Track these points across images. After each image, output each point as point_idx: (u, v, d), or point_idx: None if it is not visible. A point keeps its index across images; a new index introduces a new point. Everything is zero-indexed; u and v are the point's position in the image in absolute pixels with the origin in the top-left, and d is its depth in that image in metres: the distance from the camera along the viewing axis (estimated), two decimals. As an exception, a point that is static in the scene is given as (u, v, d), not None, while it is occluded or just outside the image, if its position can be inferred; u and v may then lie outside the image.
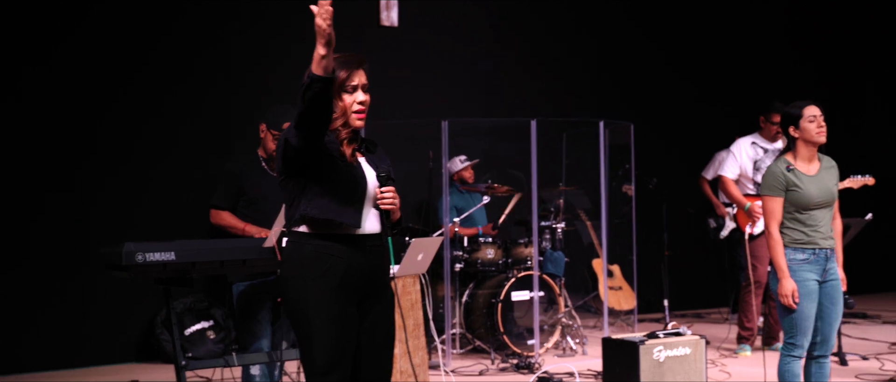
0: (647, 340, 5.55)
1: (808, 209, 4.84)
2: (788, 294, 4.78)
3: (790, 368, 4.91)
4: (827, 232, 4.88)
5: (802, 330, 4.85)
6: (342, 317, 3.37)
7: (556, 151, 8.65)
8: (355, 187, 3.41)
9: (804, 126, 4.90)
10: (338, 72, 3.40)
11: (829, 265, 4.88)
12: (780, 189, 4.86)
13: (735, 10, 10.31)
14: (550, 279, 7.51)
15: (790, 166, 4.89)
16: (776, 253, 4.84)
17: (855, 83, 11.26)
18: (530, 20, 9.25)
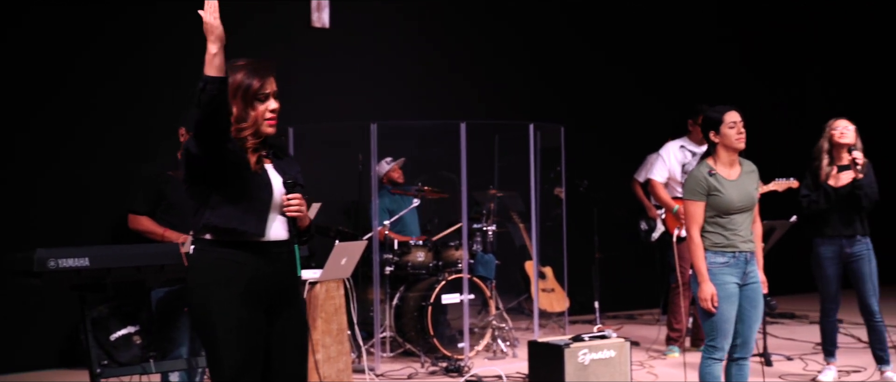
0: (572, 343, 5.57)
1: (728, 214, 4.89)
2: (708, 298, 4.82)
3: (711, 370, 4.95)
4: (747, 236, 4.94)
5: (723, 333, 4.89)
6: (248, 325, 3.33)
7: (488, 153, 8.66)
8: (260, 194, 3.36)
9: (724, 132, 4.95)
10: (250, 80, 3.36)
11: (749, 268, 4.93)
12: (701, 194, 4.90)
13: (669, 11, 10.39)
14: (481, 281, 7.51)
15: (711, 171, 4.93)
16: (697, 257, 4.88)
17: (794, 84, 11.40)
18: (462, 22, 9.24)
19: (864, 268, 6.15)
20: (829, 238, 6.18)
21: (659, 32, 10.33)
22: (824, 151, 6.20)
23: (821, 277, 6.27)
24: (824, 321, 6.38)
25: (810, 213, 6.20)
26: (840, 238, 6.16)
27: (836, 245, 6.18)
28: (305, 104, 8.28)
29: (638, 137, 8.59)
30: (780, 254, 9.21)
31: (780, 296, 10.75)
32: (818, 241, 6.25)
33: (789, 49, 11.36)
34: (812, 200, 6.15)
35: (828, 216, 6.17)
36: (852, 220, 6.14)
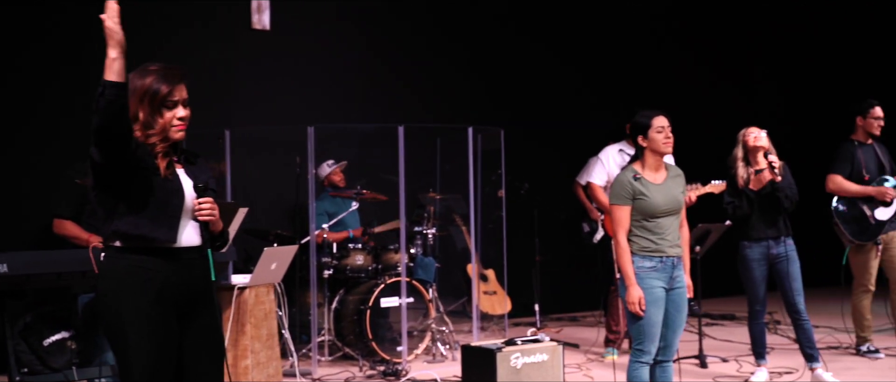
0: (504, 347, 5.59)
1: (654, 218, 4.92)
2: (635, 302, 4.86)
3: (638, 373, 4.99)
4: (674, 240, 4.98)
5: (650, 336, 4.93)
6: (160, 332, 3.30)
7: (430, 156, 8.66)
8: (170, 199, 3.33)
9: (652, 136, 4.98)
10: (158, 86, 3.32)
11: (675, 272, 4.97)
12: (627, 198, 4.93)
13: (609, 14, 10.44)
14: (421, 284, 7.51)
15: (637, 175, 4.96)
16: (624, 261, 4.91)
17: (736, 87, 11.51)
18: (403, 26, 9.23)
19: (789, 268, 6.22)
20: (756, 241, 6.26)
21: (600, 36, 10.37)
22: (739, 158, 6.32)
23: (748, 279, 6.34)
24: (753, 323, 6.45)
25: (736, 218, 6.31)
26: (766, 240, 6.24)
27: (763, 247, 6.25)
28: (246, 107, 8.25)
29: (579, 140, 8.60)
30: (719, 256, 9.34)
31: (719, 298, 10.89)
32: (745, 244, 6.31)
33: (731, 51, 11.45)
34: (736, 205, 6.25)
35: (752, 220, 6.25)
36: (776, 221, 6.23)
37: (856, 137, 7.28)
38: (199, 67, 7.89)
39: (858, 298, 7.26)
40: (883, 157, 7.25)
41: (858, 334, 7.35)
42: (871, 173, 7.14)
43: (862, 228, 7.10)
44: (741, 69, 11.55)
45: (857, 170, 7.15)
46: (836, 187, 7.16)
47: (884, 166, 7.21)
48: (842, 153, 7.23)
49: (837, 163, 7.21)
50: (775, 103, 11.63)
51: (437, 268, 8.03)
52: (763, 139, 6.21)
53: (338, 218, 7.66)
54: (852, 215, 7.13)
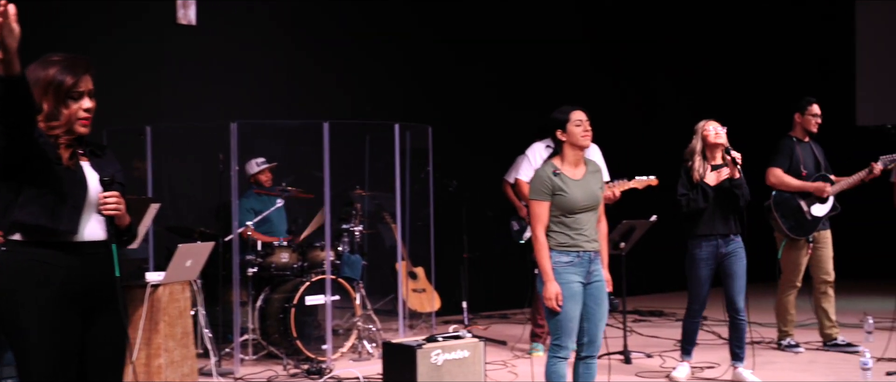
0: (425, 344, 5.56)
1: (573, 213, 4.93)
2: (553, 297, 4.87)
3: (556, 369, 5.00)
4: (591, 235, 4.99)
5: (567, 332, 4.94)
6: (61, 329, 3.21)
7: (360, 153, 8.61)
8: (73, 191, 3.24)
9: (570, 130, 5.00)
10: (62, 77, 3.23)
11: (593, 267, 4.99)
12: (546, 193, 4.93)
13: (534, 13, 10.45)
14: (347, 282, 7.46)
15: (556, 171, 4.97)
16: (541, 256, 4.92)
17: (651, 85, 11.61)
18: (331, 22, 9.15)
19: (736, 266, 6.21)
20: (707, 238, 6.18)
21: (527, 34, 10.35)
22: (697, 151, 6.24)
23: (694, 277, 6.26)
24: (689, 321, 6.42)
25: (690, 212, 6.19)
26: (717, 237, 6.18)
27: (713, 245, 6.18)
28: (170, 103, 8.13)
29: (507, 137, 8.61)
30: (648, 253, 9.42)
31: (649, 294, 11.00)
32: (694, 242, 6.23)
33: (643, 51, 11.51)
34: (691, 198, 6.15)
35: (705, 215, 6.17)
36: (729, 218, 6.20)
37: (794, 133, 7.38)
38: (123, 62, 7.78)
39: (785, 293, 7.34)
40: (819, 154, 7.36)
41: (781, 328, 7.44)
42: (808, 169, 7.25)
43: (798, 222, 7.19)
44: (648, 69, 11.61)
45: (795, 165, 7.24)
46: (777, 181, 7.23)
47: (820, 163, 7.32)
48: (782, 148, 7.31)
49: (778, 157, 7.28)
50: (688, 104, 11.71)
51: (365, 266, 7.97)
52: (723, 136, 6.19)
53: (262, 215, 7.59)
54: (790, 210, 7.21)
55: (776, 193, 7.25)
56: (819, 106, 7.37)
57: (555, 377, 4.99)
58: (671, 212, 9.37)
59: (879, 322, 7.85)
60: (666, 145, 10.92)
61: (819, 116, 7.33)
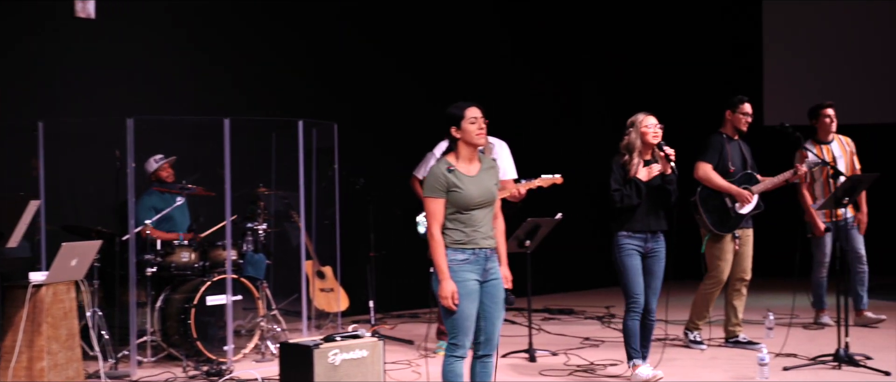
0: (322, 344, 5.47)
1: (468, 210, 4.89)
2: (448, 296, 4.82)
3: (453, 368, 4.95)
4: (487, 232, 4.96)
5: (464, 330, 4.90)
6: None
7: (267, 151, 8.47)
8: None
9: (465, 127, 4.95)
10: None
11: (489, 264, 4.95)
12: (440, 191, 4.89)
13: (445, 8, 10.39)
14: (250, 282, 7.34)
15: (451, 168, 4.92)
16: (437, 255, 4.87)
17: (573, 83, 11.65)
18: (235, 17, 8.96)
19: (656, 266, 6.18)
20: (636, 233, 6.11)
21: (435, 30, 10.27)
22: (635, 146, 6.13)
23: (628, 269, 6.10)
24: (631, 321, 6.15)
25: (623, 208, 6.09)
26: (646, 234, 6.13)
27: (640, 240, 6.13)
28: (66, 98, 7.90)
29: (415, 134, 8.50)
30: (556, 251, 9.44)
31: (564, 293, 11.04)
32: (623, 234, 6.11)
33: (564, 48, 11.55)
34: (625, 194, 6.05)
35: (637, 211, 6.10)
36: (659, 215, 6.18)
37: (724, 130, 7.43)
38: (17, 55, 7.54)
39: (708, 287, 7.34)
40: (746, 153, 7.43)
41: (693, 319, 7.45)
42: (736, 166, 7.31)
43: (722, 218, 7.25)
44: (571, 68, 11.65)
45: (723, 162, 7.29)
46: (704, 176, 7.27)
47: (747, 161, 7.39)
48: (712, 144, 7.36)
49: (707, 153, 7.31)
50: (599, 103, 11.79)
51: (269, 265, 7.85)
52: (660, 134, 6.13)
53: (162, 213, 7.42)
54: (715, 206, 7.27)
55: (702, 188, 7.31)
56: (751, 106, 7.44)
57: (451, 376, 4.94)
58: (582, 210, 9.46)
59: (780, 319, 7.97)
60: (585, 141, 11.05)
61: (750, 114, 7.42)
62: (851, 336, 6.71)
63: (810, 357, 6.76)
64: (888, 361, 6.68)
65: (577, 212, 10.58)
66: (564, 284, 11.21)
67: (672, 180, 6.12)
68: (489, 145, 7.62)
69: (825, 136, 8.27)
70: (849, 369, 6.47)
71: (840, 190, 6.76)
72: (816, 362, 6.65)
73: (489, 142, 7.64)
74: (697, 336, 7.44)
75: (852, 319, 8.25)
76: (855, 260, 8.23)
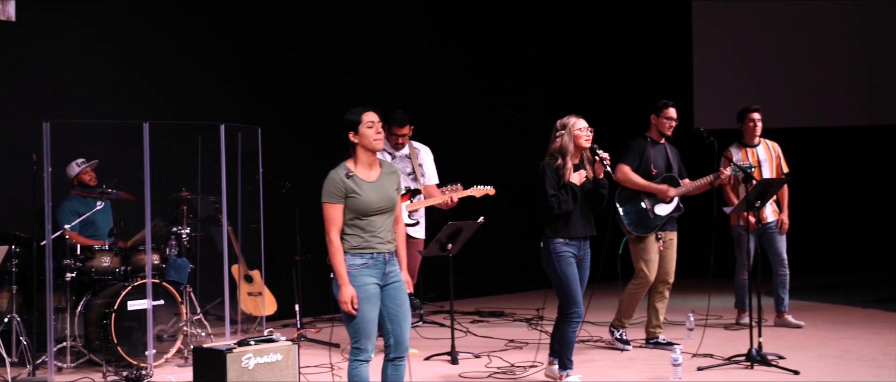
0: (235, 348, 5.49)
1: (367, 215, 4.93)
2: (347, 301, 4.87)
3: (358, 372, 5.01)
4: (386, 237, 5.00)
5: (366, 334, 4.95)
6: None
7: (192, 155, 8.41)
8: None
9: (362, 132, 5.00)
10: None
11: (389, 268, 5.01)
12: (339, 196, 4.94)
13: (371, 12, 10.36)
14: (174, 286, 7.31)
15: (349, 173, 4.97)
16: (336, 260, 4.92)
17: (517, 88, 11.71)
18: (156, 21, 8.88)
19: (585, 273, 6.18)
20: (573, 240, 6.06)
21: (360, 34, 10.24)
22: (568, 150, 6.08)
23: (567, 276, 6.01)
24: (569, 328, 6.10)
25: (561, 213, 6.02)
26: (579, 239, 6.09)
27: (575, 246, 6.08)
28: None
29: (342, 138, 8.47)
30: (482, 255, 9.52)
31: (492, 296, 11.10)
32: (560, 241, 6.02)
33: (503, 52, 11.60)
34: (562, 199, 5.99)
35: (572, 217, 6.05)
36: (590, 220, 6.17)
37: (649, 134, 7.53)
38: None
39: (635, 287, 7.38)
40: (672, 157, 7.53)
41: (620, 318, 7.50)
42: (659, 169, 7.40)
43: (640, 219, 7.33)
44: (509, 71, 11.71)
45: (645, 165, 7.37)
46: (624, 177, 7.35)
47: (671, 165, 7.49)
48: (633, 147, 7.45)
49: (628, 155, 7.40)
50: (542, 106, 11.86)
51: (193, 269, 7.82)
52: (591, 137, 6.13)
53: (83, 217, 7.38)
54: (633, 207, 7.35)
55: (620, 189, 7.40)
56: (675, 110, 7.55)
57: (357, 378, 4.98)
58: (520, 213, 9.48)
59: (702, 320, 8.09)
60: (523, 146, 11.07)
61: (674, 119, 7.51)
62: (772, 336, 6.86)
63: (725, 357, 6.89)
64: (800, 360, 6.83)
65: (514, 215, 10.72)
66: (498, 286, 11.29)
67: (605, 184, 6.14)
68: (414, 150, 7.69)
69: (751, 139, 8.43)
70: (761, 368, 6.61)
71: (751, 194, 6.91)
72: (730, 362, 6.78)
73: (414, 147, 7.70)
74: (624, 334, 7.52)
75: (773, 320, 8.46)
76: (777, 263, 8.39)
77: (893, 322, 8.55)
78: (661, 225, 7.34)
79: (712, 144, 7.16)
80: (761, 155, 8.35)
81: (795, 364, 6.64)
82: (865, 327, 8.30)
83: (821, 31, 12.84)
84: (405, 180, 7.55)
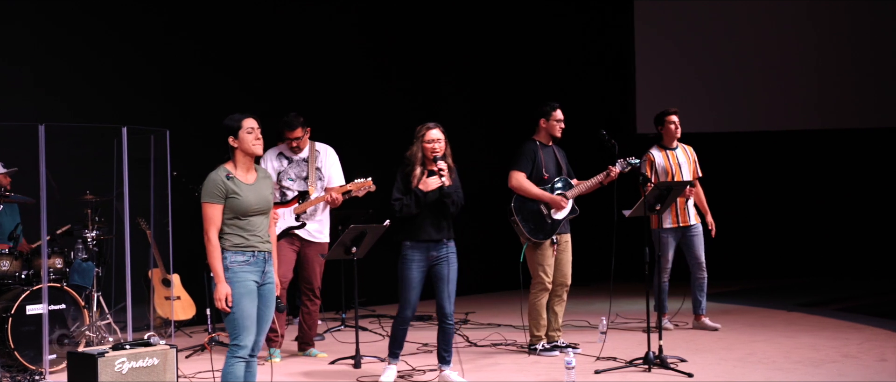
0: (109, 352, 5.44)
1: (246, 216, 5.11)
2: (222, 298, 5.02)
3: (233, 371, 5.16)
4: (264, 237, 5.18)
5: (246, 329, 5.08)
6: None
7: (107, 157, 8.33)
8: None
9: (242, 136, 5.20)
10: None
11: (267, 267, 5.19)
12: (219, 197, 5.11)
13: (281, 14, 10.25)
14: (77, 290, 7.25)
15: (229, 175, 5.15)
16: (214, 258, 5.08)
17: (434, 92, 11.66)
18: (68, 22, 8.81)
19: (446, 271, 6.32)
20: (420, 242, 6.28)
21: (269, 36, 10.13)
22: (418, 157, 6.29)
23: (405, 280, 6.31)
24: (398, 326, 6.42)
25: (403, 216, 6.29)
26: (428, 242, 6.28)
27: (424, 249, 6.29)
28: None
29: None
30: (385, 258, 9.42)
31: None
32: (407, 244, 6.31)
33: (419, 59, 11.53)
34: (405, 204, 6.24)
35: (418, 220, 6.27)
36: (441, 225, 6.30)
37: (538, 137, 7.49)
38: None
39: (536, 296, 7.39)
40: (561, 159, 7.50)
41: (533, 332, 7.48)
42: (550, 173, 7.36)
43: (538, 225, 7.30)
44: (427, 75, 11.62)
45: (537, 169, 7.34)
46: (518, 185, 7.32)
47: (561, 167, 7.46)
48: (525, 152, 7.40)
49: (520, 161, 7.36)
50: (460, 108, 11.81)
51: (98, 273, 7.75)
52: (440, 147, 6.24)
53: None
54: (530, 213, 7.31)
55: (517, 196, 7.36)
56: (563, 111, 7.52)
57: (231, 377, 5.14)
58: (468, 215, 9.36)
59: (625, 323, 8.07)
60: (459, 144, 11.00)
61: (562, 121, 7.48)
62: (684, 339, 6.86)
63: (627, 360, 6.87)
64: (702, 363, 6.83)
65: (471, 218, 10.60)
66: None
67: (448, 193, 6.24)
68: (315, 153, 7.60)
69: (670, 142, 8.43)
70: (658, 371, 6.60)
71: (650, 196, 6.88)
72: (631, 365, 6.75)
73: (316, 149, 7.62)
74: (544, 344, 7.46)
75: (691, 323, 8.45)
76: (695, 267, 8.39)
77: (811, 325, 8.56)
78: (558, 228, 7.32)
79: (613, 147, 7.14)
80: (680, 158, 8.36)
81: (695, 367, 6.63)
82: (782, 330, 8.30)
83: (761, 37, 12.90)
84: (300, 184, 7.48)
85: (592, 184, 7.36)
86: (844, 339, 7.73)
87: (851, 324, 8.54)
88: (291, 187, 7.47)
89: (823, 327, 8.44)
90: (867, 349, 7.30)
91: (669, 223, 8.27)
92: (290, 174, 7.47)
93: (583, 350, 7.44)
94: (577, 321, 8.90)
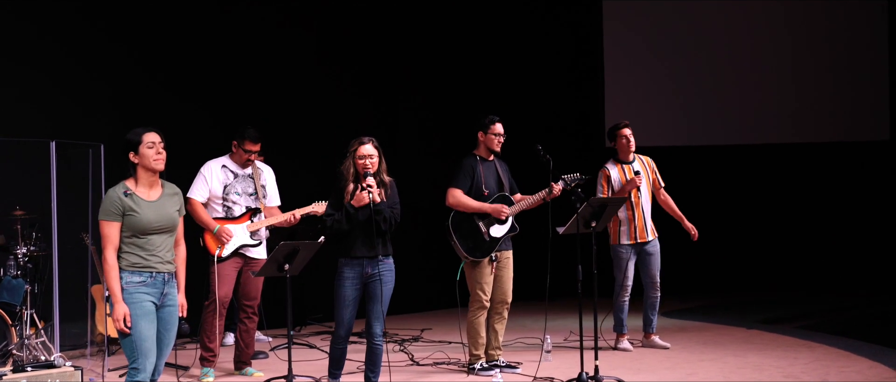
0: (7, 374, 5.29)
1: (146, 234, 4.93)
2: (120, 318, 4.86)
3: (133, 396, 4.89)
4: (166, 257, 5.00)
5: (144, 352, 4.91)
6: None
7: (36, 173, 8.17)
8: None
9: (143, 152, 5.01)
10: None
11: (167, 289, 5.01)
12: (116, 214, 4.93)
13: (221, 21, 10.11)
14: (5, 308, 7.11)
15: (127, 191, 4.97)
16: (110, 278, 4.90)
17: (391, 107, 11.53)
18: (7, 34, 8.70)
19: (378, 289, 6.17)
20: (354, 259, 6.15)
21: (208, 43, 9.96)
22: (350, 172, 6.19)
23: (339, 297, 6.18)
24: (335, 346, 6.30)
25: (334, 232, 6.17)
26: (362, 259, 6.15)
27: (358, 266, 6.15)
28: None
29: (188, 153, 8.20)
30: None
31: (392, 316, 10.83)
32: (342, 261, 6.19)
33: (375, 69, 11.38)
34: (336, 220, 6.15)
35: (352, 237, 6.14)
36: (374, 242, 6.13)
37: (478, 152, 7.33)
38: None
39: (474, 315, 7.24)
40: (503, 174, 7.33)
41: (472, 351, 7.32)
42: (490, 188, 7.20)
43: (476, 243, 7.14)
44: (384, 86, 11.47)
45: (477, 185, 7.18)
46: (455, 202, 7.16)
47: (502, 182, 7.30)
48: (464, 168, 7.24)
49: (458, 177, 7.20)
50: (417, 120, 11.67)
51: (28, 290, 7.59)
52: (372, 164, 6.13)
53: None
54: (468, 231, 7.15)
55: (454, 213, 7.19)
56: (502, 125, 7.36)
57: None
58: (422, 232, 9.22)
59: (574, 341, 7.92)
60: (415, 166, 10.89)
61: (502, 134, 7.33)
62: (631, 358, 6.74)
63: (563, 381, 6.71)
64: (637, 384, 6.68)
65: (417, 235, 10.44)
66: (406, 306, 10.88)
67: (380, 209, 6.10)
68: (257, 171, 7.47)
69: (625, 156, 8.29)
70: (590, 391, 6.43)
71: (586, 211, 6.73)
72: (564, 385, 6.60)
73: (257, 168, 7.48)
74: (483, 363, 7.29)
75: (641, 341, 8.29)
76: (649, 285, 8.25)
77: (765, 344, 8.39)
78: (497, 246, 7.15)
79: (548, 162, 6.99)
80: (637, 170, 8.21)
81: (627, 388, 6.47)
82: (733, 349, 8.12)
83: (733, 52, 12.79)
84: (247, 200, 7.36)
85: (535, 200, 7.19)
86: (792, 359, 7.56)
87: (805, 342, 8.37)
88: (238, 201, 7.31)
89: (776, 345, 8.27)
90: (812, 369, 7.14)
91: (627, 239, 8.11)
92: (236, 189, 7.33)
93: (523, 370, 7.26)
94: (530, 338, 8.74)
